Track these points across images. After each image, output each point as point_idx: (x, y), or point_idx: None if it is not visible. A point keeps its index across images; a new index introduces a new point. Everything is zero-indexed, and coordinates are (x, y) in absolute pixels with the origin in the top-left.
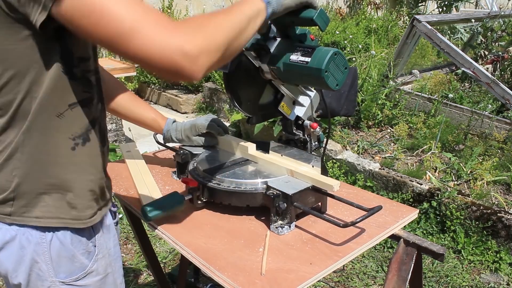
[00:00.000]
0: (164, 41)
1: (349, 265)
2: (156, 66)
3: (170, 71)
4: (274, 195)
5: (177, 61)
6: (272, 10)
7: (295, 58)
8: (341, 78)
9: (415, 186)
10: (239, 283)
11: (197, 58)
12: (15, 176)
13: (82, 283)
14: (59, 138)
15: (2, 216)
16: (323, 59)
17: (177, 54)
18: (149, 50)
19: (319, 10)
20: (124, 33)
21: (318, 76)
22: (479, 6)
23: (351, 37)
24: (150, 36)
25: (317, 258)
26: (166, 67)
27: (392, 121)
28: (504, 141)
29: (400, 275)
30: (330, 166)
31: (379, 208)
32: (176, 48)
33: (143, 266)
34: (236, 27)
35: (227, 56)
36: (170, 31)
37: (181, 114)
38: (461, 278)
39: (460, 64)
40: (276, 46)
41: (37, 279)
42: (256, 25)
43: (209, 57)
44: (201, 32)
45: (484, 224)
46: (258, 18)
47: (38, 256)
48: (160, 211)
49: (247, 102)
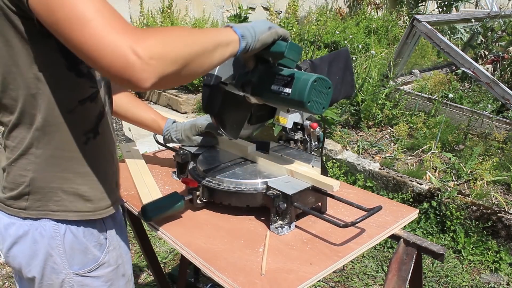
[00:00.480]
0: (119, 38)
1: (349, 265)
2: (106, 64)
3: (119, 71)
4: (274, 195)
5: (128, 59)
6: (245, 44)
7: (276, 88)
8: (326, 100)
9: (415, 186)
10: (239, 283)
11: (148, 61)
12: (29, 171)
13: (95, 274)
14: (72, 134)
15: (17, 210)
16: (304, 90)
17: (129, 53)
18: (101, 44)
19: (289, 44)
20: (80, 25)
21: (302, 107)
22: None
23: (351, 37)
24: (105, 31)
25: (317, 258)
26: (116, 65)
27: (392, 121)
28: (504, 141)
29: (400, 275)
30: (330, 166)
31: (379, 208)
32: (129, 47)
33: (143, 266)
34: (200, 46)
35: (185, 73)
36: (127, 31)
37: (181, 114)
38: (461, 278)
39: (460, 64)
40: (256, 73)
41: (51, 272)
42: (225, 54)
43: (162, 65)
44: (159, 39)
45: (484, 224)
46: (227, 47)
47: (52, 249)
48: (160, 211)
49: (231, 126)
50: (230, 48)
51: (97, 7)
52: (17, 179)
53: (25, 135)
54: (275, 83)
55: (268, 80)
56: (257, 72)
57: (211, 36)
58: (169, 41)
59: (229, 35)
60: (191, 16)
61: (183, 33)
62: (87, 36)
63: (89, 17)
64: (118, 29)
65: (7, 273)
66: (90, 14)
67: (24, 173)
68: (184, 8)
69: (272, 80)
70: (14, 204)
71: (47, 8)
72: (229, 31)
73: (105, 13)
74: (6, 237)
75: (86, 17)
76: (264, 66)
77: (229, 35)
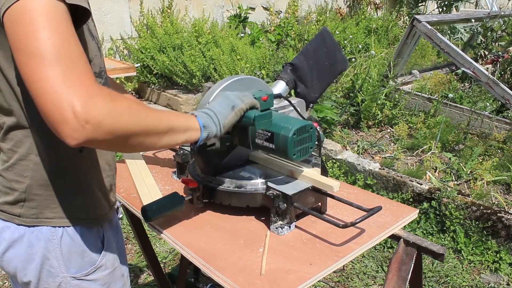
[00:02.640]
0: (65, 92)
1: (349, 265)
2: (44, 110)
3: (53, 122)
4: (274, 195)
5: (64, 115)
6: (208, 134)
7: (260, 142)
8: (311, 144)
9: (415, 186)
10: (239, 283)
11: (83, 124)
12: (26, 177)
13: (92, 277)
14: None
15: (12, 216)
16: (286, 147)
17: (67, 110)
18: (46, 91)
19: (256, 117)
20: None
21: (289, 158)
22: (479, 6)
23: (351, 37)
24: (56, 80)
25: (317, 259)
26: (52, 115)
27: (392, 121)
28: (504, 141)
29: (400, 275)
30: (330, 166)
31: (379, 208)
32: (70, 104)
33: (143, 266)
34: (148, 127)
35: (120, 145)
36: (80, 85)
37: None
38: (461, 278)
39: (460, 64)
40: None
41: (48, 276)
42: (178, 139)
43: (95, 132)
44: (108, 107)
45: (484, 224)
46: (183, 134)
47: (49, 252)
48: (160, 211)
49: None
50: (187, 134)
51: (60, 50)
52: (13, 185)
53: (21, 138)
54: (258, 137)
55: (251, 135)
56: (237, 131)
57: (167, 119)
58: (117, 113)
59: (189, 123)
60: (191, 16)
61: (138, 109)
62: (37, 78)
63: (47, 60)
64: (71, 81)
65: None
66: (49, 57)
67: (21, 179)
68: (184, 8)
69: (254, 134)
70: (9, 209)
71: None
72: (192, 118)
73: (66, 59)
74: (0, 241)
75: (44, 59)
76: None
77: (189, 123)
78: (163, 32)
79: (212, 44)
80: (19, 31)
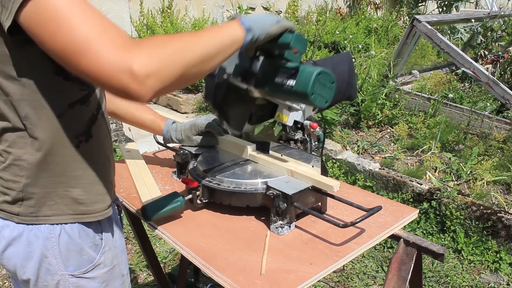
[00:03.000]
0: (114, 61)
1: (349, 265)
2: (104, 84)
3: (117, 91)
4: (274, 195)
5: (123, 81)
6: (252, 37)
7: (280, 80)
8: (329, 95)
9: (415, 186)
10: (239, 283)
11: (144, 80)
12: (22, 177)
13: (91, 275)
14: (63, 138)
15: (10, 215)
16: (308, 82)
17: (125, 75)
18: (98, 68)
19: (295, 36)
20: (76, 49)
21: (306, 99)
22: (479, 6)
23: (351, 37)
24: (101, 54)
25: (317, 258)
26: (113, 86)
27: (392, 121)
28: (504, 141)
29: (400, 275)
30: (330, 166)
31: (379, 208)
32: (125, 69)
33: (143, 266)
34: (200, 55)
35: (184, 80)
36: (123, 51)
37: (181, 114)
38: (461, 278)
39: (460, 64)
40: (260, 67)
41: (46, 274)
42: (228, 53)
43: (159, 81)
44: (156, 55)
45: (484, 224)
46: (231, 48)
47: (47, 250)
48: (160, 211)
49: (235, 120)
50: (234, 47)
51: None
52: (10, 184)
53: (15, 139)
54: (279, 75)
55: (272, 73)
56: (261, 66)
57: (214, 40)
58: (166, 57)
59: (234, 33)
60: (191, 16)
61: (181, 43)
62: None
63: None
64: (117, 47)
65: (7, 273)
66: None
67: (17, 179)
68: (184, 8)
69: (276, 73)
70: (8, 208)
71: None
72: (235, 26)
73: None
74: (0, 239)
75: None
76: (268, 60)
77: (234, 33)
78: (163, 32)
79: None
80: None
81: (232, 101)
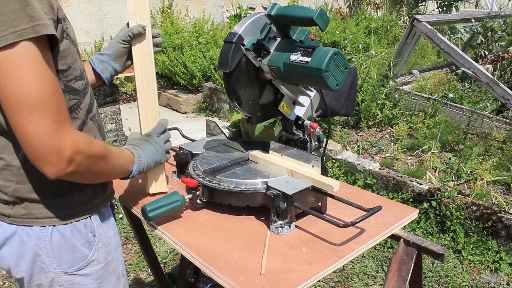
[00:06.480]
0: (53, 135)
1: (349, 265)
2: (29, 149)
3: (37, 159)
4: (274, 195)
5: (51, 160)
6: (138, 171)
7: (295, 58)
8: (341, 78)
9: (415, 186)
10: (239, 283)
11: (66, 168)
12: (12, 182)
13: (85, 272)
14: None
15: (2, 216)
16: (323, 59)
17: (54, 152)
18: (34, 135)
19: (319, 10)
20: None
21: (318, 76)
22: (479, 6)
23: (351, 37)
24: (44, 126)
25: (317, 258)
26: (38, 155)
27: (392, 121)
28: (504, 141)
29: (400, 275)
30: (330, 166)
31: (379, 208)
32: (59, 147)
33: (143, 266)
34: (115, 167)
35: (90, 178)
36: (63, 131)
37: (181, 114)
38: (461, 278)
39: (460, 64)
40: (276, 46)
41: (40, 272)
42: (121, 175)
43: (74, 170)
44: (86, 151)
45: (484, 224)
46: (123, 174)
47: (40, 249)
48: (160, 211)
49: (247, 102)
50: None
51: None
52: (1, 188)
53: (5, 145)
54: (294, 53)
55: (288, 50)
56: (277, 45)
57: (123, 162)
58: (91, 156)
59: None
60: (191, 16)
61: (111, 160)
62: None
63: (31, 108)
64: (56, 130)
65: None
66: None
67: (8, 184)
68: (184, 8)
69: (292, 51)
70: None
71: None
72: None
73: (48, 107)
74: None
75: (29, 108)
76: (286, 40)
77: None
78: (163, 32)
79: (212, 44)
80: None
81: (243, 79)
